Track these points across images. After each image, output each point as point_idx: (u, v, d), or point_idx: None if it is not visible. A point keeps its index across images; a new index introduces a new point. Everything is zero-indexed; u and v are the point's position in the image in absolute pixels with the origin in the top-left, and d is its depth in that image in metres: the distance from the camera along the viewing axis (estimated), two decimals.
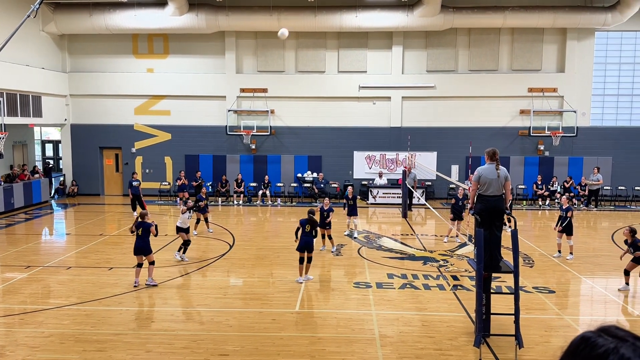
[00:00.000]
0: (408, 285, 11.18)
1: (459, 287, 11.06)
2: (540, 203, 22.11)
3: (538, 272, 12.28)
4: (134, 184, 19.23)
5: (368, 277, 11.77)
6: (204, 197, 16.02)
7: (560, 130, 22.71)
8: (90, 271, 12.13)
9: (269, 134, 23.41)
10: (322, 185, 22.91)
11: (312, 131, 23.63)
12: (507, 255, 8.94)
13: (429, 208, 18.76)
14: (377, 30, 22.63)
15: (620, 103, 23.56)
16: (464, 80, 23.24)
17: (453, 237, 15.54)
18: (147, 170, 24.16)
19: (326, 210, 13.91)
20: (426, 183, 23.10)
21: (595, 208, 21.48)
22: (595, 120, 23.49)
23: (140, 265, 11.01)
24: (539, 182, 22.28)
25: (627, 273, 10.89)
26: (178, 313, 9.65)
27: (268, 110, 23.42)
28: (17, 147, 23.50)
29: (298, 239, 11.42)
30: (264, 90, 23.51)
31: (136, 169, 23.75)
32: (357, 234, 16.32)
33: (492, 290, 8.86)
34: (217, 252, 13.98)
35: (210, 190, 22.84)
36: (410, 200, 20.75)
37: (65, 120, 24.02)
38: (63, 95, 23.73)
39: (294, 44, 23.51)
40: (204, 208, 15.95)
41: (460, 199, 15.04)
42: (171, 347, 8.06)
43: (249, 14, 21.91)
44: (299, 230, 11.41)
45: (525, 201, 22.91)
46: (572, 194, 21.67)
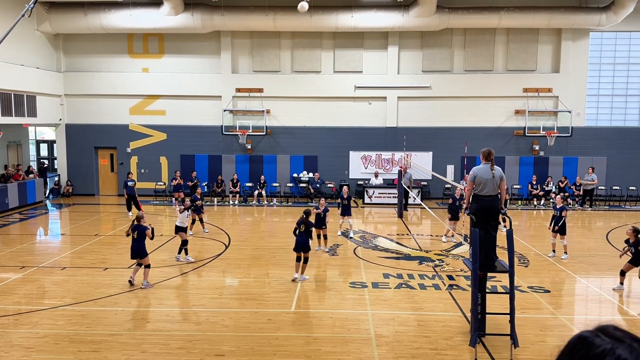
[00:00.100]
0: (404, 285, 11.19)
1: (455, 287, 11.08)
2: (535, 203, 22.19)
3: (533, 272, 12.33)
4: (129, 184, 19.16)
5: (364, 277, 11.78)
6: (199, 198, 16.02)
7: (555, 131, 22.80)
8: (86, 271, 12.10)
9: (264, 134, 23.39)
10: (318, 185, 22.92)
11: (308, 131, 23.63)
12: (503, 255, 8.97)
13: (425, 208, 18.79)
14: (373, 31, 22.65)
15: (614, 103, 23.66)
16: (460, 81, 23.29)
17: (449, 237, 15.57)
18: (143, 170, 24.10)
19: (322, 211, 13.92)
20: (422, 183, 23.13)
21: (589, 208, 21.57)
22: (590, 120, 23.59)
23: (140, 264, 11.02)
24: (534, 182, 22.35)
25: (623, 274, 10.90)
26: (174, 313, 9.63)
27: (264, 110, 23.39)
28: (12, 147, 23.41)
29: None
30: (260, 90, 23.50)
31: (131, 169, 23.68)
32: (353, 233, 16.33)
33: (488, 290, 8.88)
34: (213, 252, 13.96)
35: (205, 190, 22.81)
36: (406, 200, 20.78)
37: (60, 120, 23.93)
38: (58, 95, 23.63)
39: (289, 44, 23.51)
40: (199, 208, 15.97)
41: (457, 199, 15.06)
42: (167, 348, 8.04)
43: (245, 13, 21.89)
44: (297, 230, 11.49)
45: (520, 201, 23.00)
46: (567, 194, 21.75)
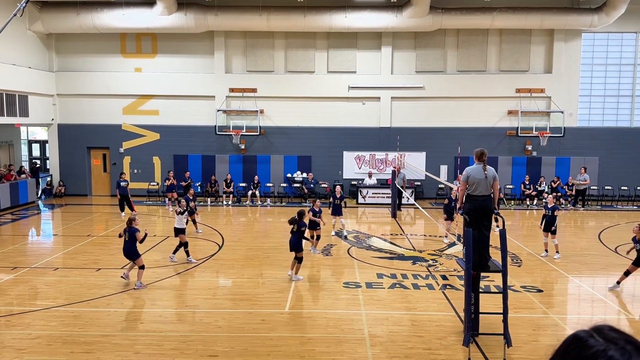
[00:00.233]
0: (397, 285, 11.21)
1: (448, 287, 11.11)
2: (528, 203, 22.29)
3: (526, 272, 12.38)
4: (122, 184, 19.07)
5: (358, 277, 11.79)
6: (191, 199, 15.91)
7: (547, 131, 22.91)
8: (78, 272, 12.03)
9: (258, 134, 23.36)
10: (312, 186, 22.92)
11: (302, 131, 23.62)
12: (496, 255, 9.00)
13: (418, 208, 18.84)
14: (367, 31, 22.68)
15: (606, 104, 23.80)
16: (453, 81, 23.36)
17: (442, 237, 15.60)
18: (136, 171, 24.00)
19: (317, 212, 13.91)
20: (415, 183, 23.20)
21: (582, 208, 21.69)
22: (582, 120, 23.72)
23: (142, 267, 10.98)
24: (527, 182, 22.46)
25: (628, 274, 10.73)
26: (167, 314, 9.59)
27: (257, 110, 23.36)
28: (4, 147, 23.28)
29: None
30: (254, 90, 23.47)
31: (124, 169, 23.58)
32: (347, 233, 16.34)
33: (481, 290, 8.92)
34: (206, 253, 13.92)
35: (199, 190, 22.75)
36: (399, 200, 20.82)
37: (53, 120, 23.79)
38: (50, 94, 23.50)
39: (283, 44, 23.49)
40: (192, 209, 15.89)
41: (453, 199, 15.09)
42: (160, 349, 8.01)
43: (238, 13, 21.84)
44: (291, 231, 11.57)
45: (513, 201, 23.10)
46: (560, 194, 21.87)
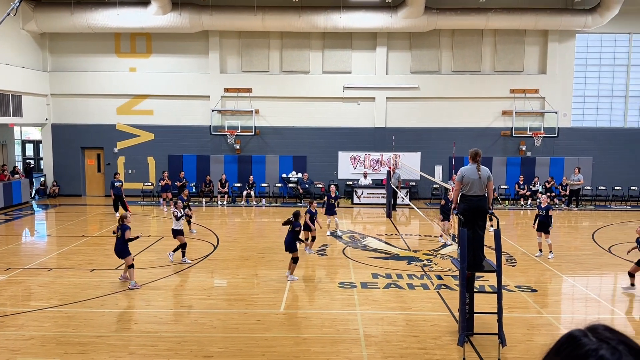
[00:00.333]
0: (392, 285, 11.23)
1: (443, 287, 11.14)
2: (522, 203, 22.37)
3: (520, 271, 12.42)
4: (116, 184, 18.99)
5: (353, 277, 11.80)
6: (185, 199, 15.86)
7: (541, 131, 23.00)
8: (72, 273, 11.98)
9: (253, 134, 23.33)
10: (307, 186, 22.91)
11: (297, 131, 23.61)
12: (490, 255, 9.03)
13: (413, 208, 18.86)
14: (362, 31, 22.70)
15: (600, 104, 23.92)
16: (448, 81, 23.41)
17: (437, 237, 15.63)
18: (130, 171, 23.92)
19: (314, 213, 13.90)
20: (410, 183, 23.23)
21: (576, 208, 21.79)
22: (576, 121, 23.83)
23: (131, 266, 10.94)
24: (521, 182, 22.54)
25: (632, 275, 10.80)
26: (162, 314, 9.56)
27: (252, 110, 23.33)
28: None
29: None
30: (249, 90, 23.44)
31: (118, 170, 23.49)
32: (342, 233, 16.35)
33: (475, 290, 8.94)
34: (201, 253, 13.89)
35: (193, 190, 22.70)
36: (394, 200, 20.84)
37: (46, 119, 23.68)
38: (44, 94, 23.39)
39: (278, 44, 23.48)
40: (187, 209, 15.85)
41: (449, 200, 15.10)
42: (155, 349, 7.99)
43: (233, 13, 21.81)
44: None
45: (507, 201, 23.18)
46: (554, 194, 21.97)
